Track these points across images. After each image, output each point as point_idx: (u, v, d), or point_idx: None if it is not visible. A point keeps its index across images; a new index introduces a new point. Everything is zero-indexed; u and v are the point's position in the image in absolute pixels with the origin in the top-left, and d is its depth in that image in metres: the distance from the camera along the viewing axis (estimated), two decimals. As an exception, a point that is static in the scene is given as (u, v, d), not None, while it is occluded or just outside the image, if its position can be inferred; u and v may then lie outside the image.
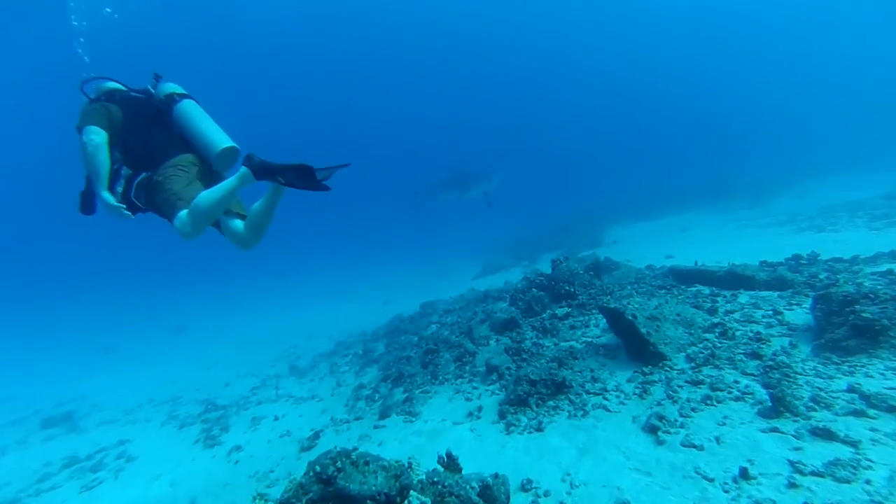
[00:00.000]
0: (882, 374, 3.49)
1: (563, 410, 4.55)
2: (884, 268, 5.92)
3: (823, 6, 52.35)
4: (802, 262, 6.77)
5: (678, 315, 5.19)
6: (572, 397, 4.67)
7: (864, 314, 3.89)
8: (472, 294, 12.53)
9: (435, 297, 15.89)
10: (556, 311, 6.79)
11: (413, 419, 5.71)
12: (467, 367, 6.56)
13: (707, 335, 4.98)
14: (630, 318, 4.95)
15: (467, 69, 64.16)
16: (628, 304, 5.24)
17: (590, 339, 5.94)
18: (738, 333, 4.82)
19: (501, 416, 4.86)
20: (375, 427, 5.89)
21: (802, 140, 29.29)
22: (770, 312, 5.08)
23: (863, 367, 3.67)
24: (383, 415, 6.13)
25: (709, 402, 3.83)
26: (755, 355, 4.31)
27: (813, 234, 10.81)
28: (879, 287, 4.39)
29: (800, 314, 4.93)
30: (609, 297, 6.62)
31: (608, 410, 4.30)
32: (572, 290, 7.10)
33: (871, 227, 10.08)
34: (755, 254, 9.66)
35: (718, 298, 5.84)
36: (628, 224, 19.67)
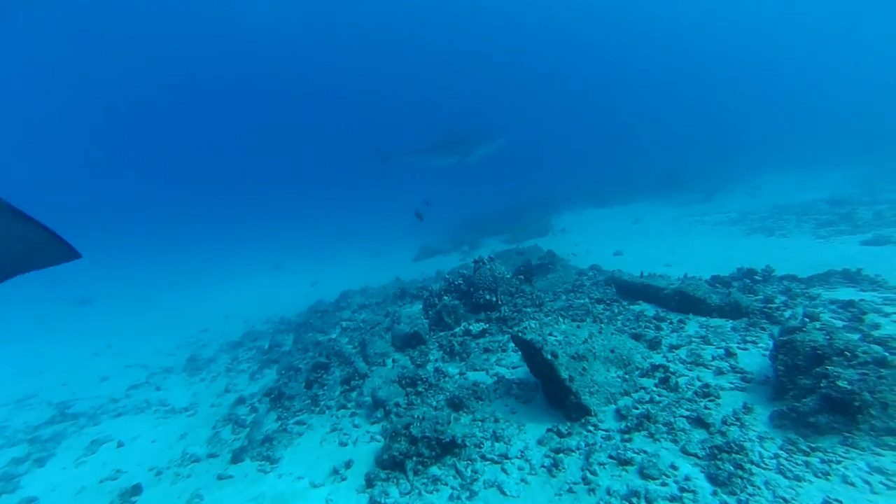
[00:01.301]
0: (866, 481, 2.49)
1: (445, 485, 3.36)
2: (842, 294, 5.15)
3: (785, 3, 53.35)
4: (757, 278, 5.91)
5: (612, 351, 4.09)
6: (461, 466, 3.48)
7: (839, 382, 2.90)
8: (393, 287, 11.24)
9: (364, 282, 14.57)
10: (471, 327, 5.58)
11: (268, 470, 4.38)
12: (354, 395, 5.27)
13: (645, 381, 3.92)
14: (549, 357, 3.78)
15: (432, 43, 61.45)
16: (551, 333, 4.07)
17: (504, 370, 4.79)
18: (681, 382, 3.78)
19: (369, 482, 3.62)
20: (219, 477, 4.51)
21: (758, 135, 29.69)
22: (722, 352, 4.08)
23: (839, 462, 2.67)
24: (237, 458, 4.75)
25: (635, 500, 2.72)
26: (700, 422, 3.28)
27: (762, 238, 10.30)
28: (839, 323, 3.45)
29: (756, 357, 3.96)
30: (529, 321, 5.44)
31: (503, 494, 3.14)
32: (494, 299, 5.90)
33: (818, 234, 9.68)
34: (705, 256, 9.03)
35: (664, 325, 4.83)
36: (581, 210, 18.93)
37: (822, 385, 2.97)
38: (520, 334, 4.11)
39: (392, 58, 63.54)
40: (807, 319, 4.07)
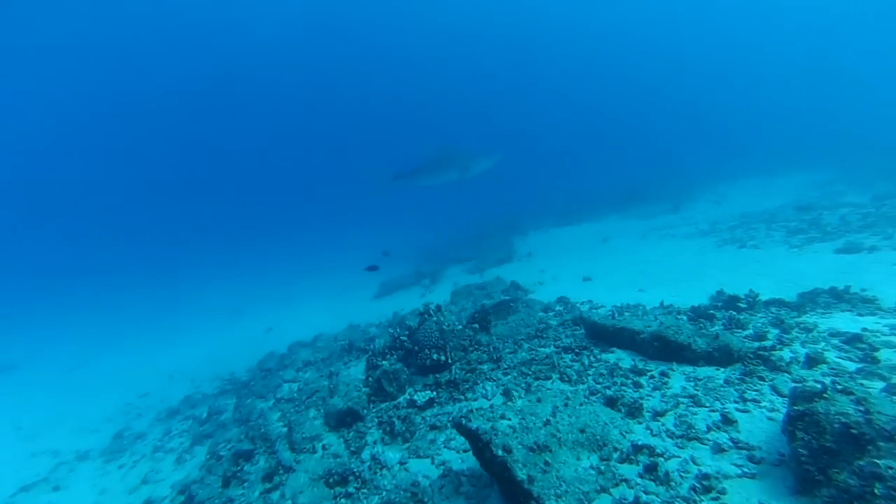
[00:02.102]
0: None
1: None
2: (839, 321, 4.51)
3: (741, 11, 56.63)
4: (741, 305, 5.23)
5: (583, 431, 3.21)
6: None
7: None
8: (344, 336, 10.23)
9: (321, 326, 13.44)
10: (416, 397, 4.60)
11: None
12: (275, 497, 4.16)
13: (626, 469, 3.05)
14: (500, 453, 2.86)
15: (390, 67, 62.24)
16: (503, 416, 3.16)
17: (452, 456, 3.83)
18: (672, 469, 2.93)
19: None
20: None
21: (718, 142, 30.55)
22: (718, 418, 3.28)
23: None
24: None
25: None
26: (706, 542, 2.39)
27: (735, 250, 9.90)
28: (851, 366, 2.70)
29: (760, 422, 3.18)
30: (485, 383, 4.53)
31: None
32: (443, 358, 4.99)
33: (790, 242, 9.37)
34: (679, 276, 8.42)
35: (643, 380, 4.01)
36: (547, 229, 18.44)
37: (876, 491, 2.15)
38: (463, 421, 3.18)
39: (353, 82, 63.57)
40: (816, 370, 3.34)
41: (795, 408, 2.64)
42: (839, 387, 2.56)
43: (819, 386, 2.54)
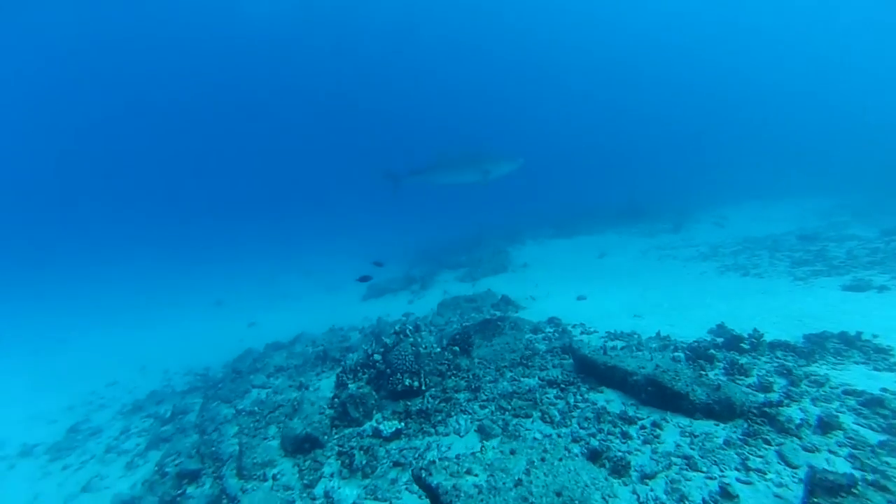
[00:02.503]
0: None
1: None
2: (853, 374, 4.13)
3: (745, 29, 56.58)
4: (744, 346, 4.84)
5: (559, 494, 2.80)
6: None
7: None
8: (323, 341, 9.82)
9: (307, 324, 13.07)
10: (382, 426, 4.17)
11: None
12: (213, 533, 3.72)
13: (607, 547, 2.63)
14: (461, 523, 2.44)
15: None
16: (469, 471, 2.74)
17: (414, 502, 3.40)
18: (661, 552, 2.50)
19: None
20: None
21: (721, 162, 30.31)
22: (716, 488, 2.89)
23: None
24: None
25: None
26: None
27: (737, 277, 9.55)
28: (873, 437, 2.30)
29: (764, 497, 2.77)
30: (460, 417, 4.11)
31: None
32: (416, 384, 4.55)
33: (794, 274, 9.03)
34: (679, 302, 8.03)
35: (633, 430, 3.61)
36: (544, 240, 18.05)
37: None
38: (423, 474, 2.76)
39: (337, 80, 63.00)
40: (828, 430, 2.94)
41: (816, 501, 2.23)
42: (870, 477, 2.16)
43: (845, 479, 2.13)
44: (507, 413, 4.19)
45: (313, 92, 64.87)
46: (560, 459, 3.08)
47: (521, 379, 4.85)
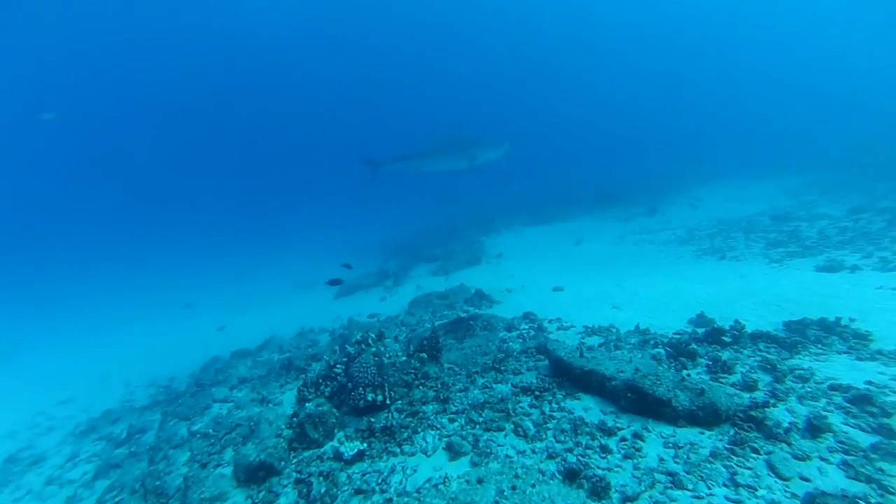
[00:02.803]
0: None
1: None
2: (837, 366, 3.98)
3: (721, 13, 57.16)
4: (725, 339, 4.65)
5: (533, 529, 2.48)
6: None
7: None
8: (291, 346, 9.36)
9: (277, 326, 12.63)
10: (343, 448, 3.79)
11: None
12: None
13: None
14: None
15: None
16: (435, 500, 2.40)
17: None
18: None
19: None
20: None
21: (693, 144, 30.65)
22: (704, 512, 2.60)
23: None
24: None
25: None
26: None
27: (714, 261, 9.50)
28: (865, 440, 2.08)
29: (756, 518, 2.51)
30: (411, 461, 3.78)
31: None
32: (380, 398, 4.19)
33: (770, 256, 9.05)
34: (656, 291, 7.84)
35: (612, 442, 3.35)
36: (519, 228, 17.84)
37: None
38: (376, 520, 2.40)
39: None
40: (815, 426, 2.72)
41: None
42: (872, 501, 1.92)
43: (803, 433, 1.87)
44: (477, 427, 3.87)
45: (290, 84, 62.99)
46: (533, 486, 2.78)
47: (494, 386, 4.54)
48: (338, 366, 4.85)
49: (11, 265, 38.51)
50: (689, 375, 3.75)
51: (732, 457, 2.97)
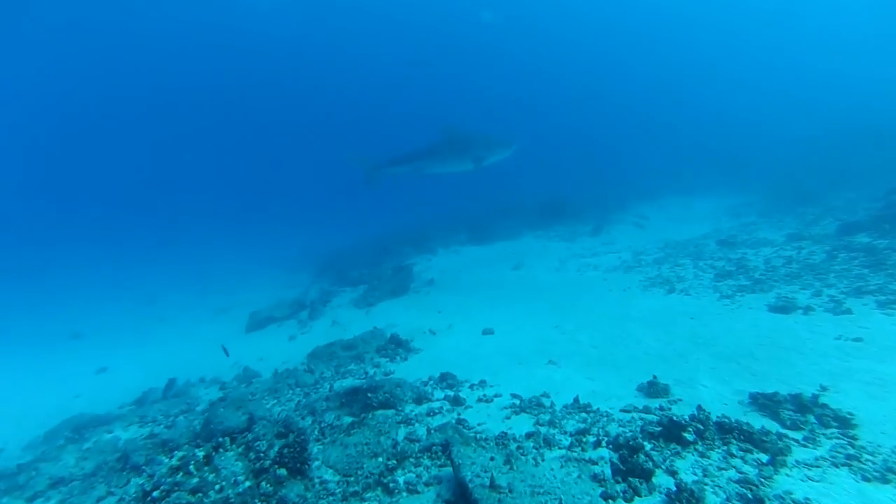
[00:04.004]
0: None
1: None
2: (837, 493, 3.03)
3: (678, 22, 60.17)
4: (687, 435, 3.62)
5: None
6: None
7: None
8: (158, 414, 7.51)
9: (176, 365, 11.01)
10: None
11: None
12: None
13: None
14: None
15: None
16: None
17: None
18: None
19: None
20: None
21: (639, 159, 31.30)
22: None
23: None
24: None
25: None
26: None
27: (663, 295, 8.84)
28: None
29: None
30: None
31: None
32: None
33: (720, 289, 8.51)
34: (600, 338, 6.86)
35: None
36: (456, 248, 16.79)
37: None
38: None
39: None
40: None
41: None
42: None
43: None
44: None
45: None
46: None
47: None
48: (155, 492, 3.29)
49: None
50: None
51: None
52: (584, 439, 3.98)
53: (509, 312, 9.02)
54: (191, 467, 3.34)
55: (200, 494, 3.12)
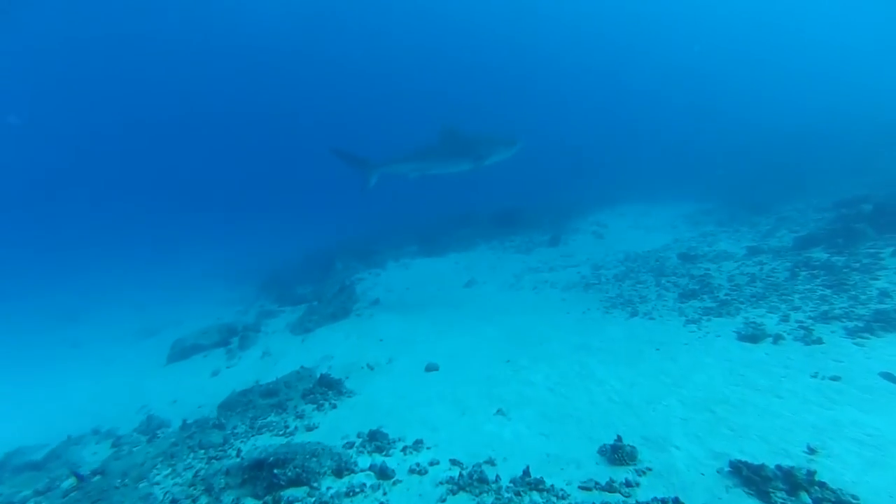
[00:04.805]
0: None
1: None
2: None
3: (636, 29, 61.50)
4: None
5: None
6: None
7: None
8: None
9: (83, 405, 9.89)
10: None
11: None
12: None
13: None
14: None
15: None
16: None
17: None
18: None
19: None
20: None
21: (597, 163, 31.45)
22: None
23: None
24: None
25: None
26: None
27: (625, 319, 8.30)
28: None
29: None
30: None
31: None
32: None
33: (685, 313, 8.05)
34: (558, 375, 6.01)
35: None
36: (407, 261, 15.81)
37: None
38: None
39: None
40: None
41: None
42: None
43: None
44: None
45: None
46: None
47: None
48: None
49: None
50: None
51: None
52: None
53: (457, 342, 8.17)
54: None
55: None
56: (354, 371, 7.65)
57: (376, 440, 5.05)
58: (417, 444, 4.92)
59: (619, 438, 4.38)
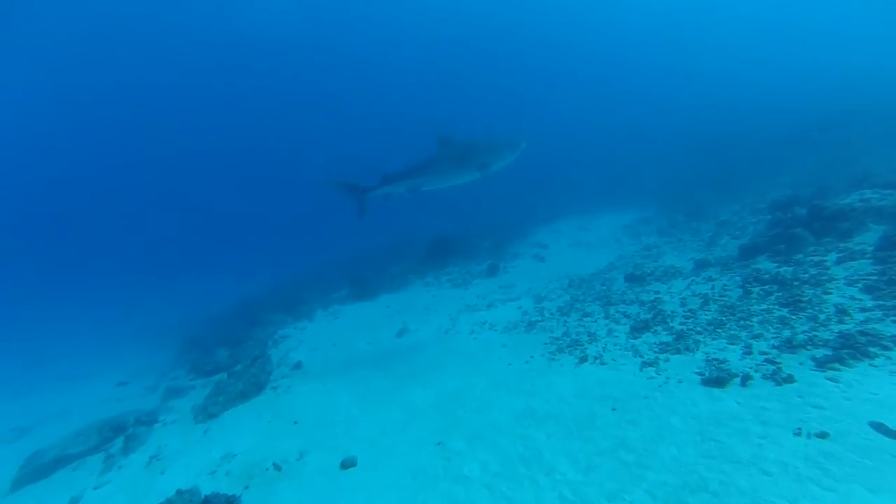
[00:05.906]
0: None
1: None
2: None
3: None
4: None
5: None
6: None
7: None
8: None
9: None
10: None
11: None
12: None
13: None
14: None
15: None
16: None
17: None
18: None
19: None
20: None
21: (528, 178, 31.38)
22: None
23: None
24: None
25: None
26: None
27: (573, 367, 7.37)
28: None
29: None
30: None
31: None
32: None
33: (641, 353, 7.15)
34: (492, 461, 4.83)
35: None
36: (337, 308, 14.31)
37: None
38: None
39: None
40: None
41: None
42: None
43: None
44: None
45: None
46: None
47: None
48: None
49: None
50: None
51: None
52: None
53: (383, 416, 6.82)
54: None
55: None
56: (257, 474, 6.10)
57: None
58: None
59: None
